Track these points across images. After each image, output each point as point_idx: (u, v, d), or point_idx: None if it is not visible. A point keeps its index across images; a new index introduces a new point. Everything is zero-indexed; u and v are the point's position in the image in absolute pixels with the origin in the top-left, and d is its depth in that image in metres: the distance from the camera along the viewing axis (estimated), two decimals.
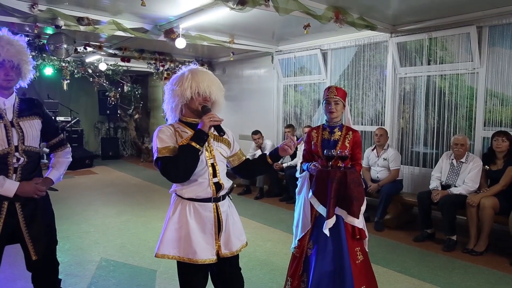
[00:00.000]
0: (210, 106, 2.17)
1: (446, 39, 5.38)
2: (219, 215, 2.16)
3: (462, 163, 4.65)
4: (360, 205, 2.83)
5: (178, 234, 2.10)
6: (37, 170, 2.37)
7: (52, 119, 2.52)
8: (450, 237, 4.45)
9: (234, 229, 2.25)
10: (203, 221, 2.12)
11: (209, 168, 2.13)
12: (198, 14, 5.07)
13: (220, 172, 2.17)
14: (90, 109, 12.27)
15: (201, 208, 2.12)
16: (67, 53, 5.52)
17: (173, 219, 2.13)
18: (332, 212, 2.79)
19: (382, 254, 4.28)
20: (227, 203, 2.24)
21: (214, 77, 2.21)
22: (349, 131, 3.02)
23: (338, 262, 2.76)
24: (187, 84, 2.09)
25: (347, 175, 2.78)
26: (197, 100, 2.12)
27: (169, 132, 2.11)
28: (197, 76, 2.12)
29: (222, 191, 2.18)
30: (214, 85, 2.16)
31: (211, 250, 2.12)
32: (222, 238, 2.18)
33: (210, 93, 2.13)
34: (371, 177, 5.53)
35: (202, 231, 2.12)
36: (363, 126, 6.45)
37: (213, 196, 2.13)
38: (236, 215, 2.33)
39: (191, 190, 2.11)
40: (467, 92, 5.28)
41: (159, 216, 5.70)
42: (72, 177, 8.78)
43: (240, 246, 2.26)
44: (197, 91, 2.10)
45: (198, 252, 2.07)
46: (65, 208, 6.01)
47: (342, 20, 4.82)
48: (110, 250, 4.37)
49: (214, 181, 2.13)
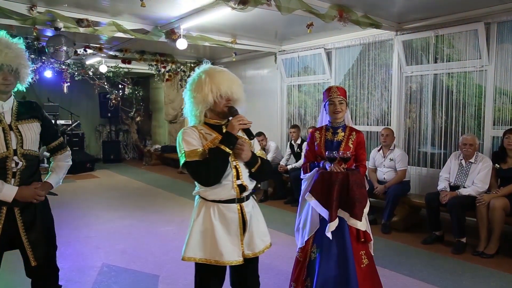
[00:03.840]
0: (234, 104, 2.17)
1: (453, 36, 5.36)
2: (243, 216, 2.18)
3: (471, 163, 4.62)
4: (363, 207, 2.82)
5: (203, 236, 2.13)
6: (36, 174, 2.38)
7: (51, 122, 2.53)
8: (459, 239, 4.42)
9: (258, 229, 2.27)
10: (228, 222, 2.15)
11: (232, 170, 2.14)
12: (199, 14, 5.08)
13: (243, 174, 2.18)
14: (91, 112, 12.33)
15: (226, 209, 2.14)
16: (67, 56, 5.55)
17: (197, 222, 2.16)
18: (335, 214, 2.78)
19: (390, 257, 4.26)
20: (251, 204, 2.27)
21: (231, 74, 2.21)
22: (352, 131, 3.01)
23: (342, 266, 2.75)
24: (207, 89, 2.09)
25: (349, 177, 2.77)
26: (221, 103, 2.13)
27: (195, 134, 2.13)
28: (216, 78, 2.12)
29: (246, 192, 2.20)
30: (234, 83, 2.16)
31: (237, 252, 2.15)
32: (246, 239, 2.20)
33: (232, 92, 2.14)
34: (378, 178, 5.51)
35: (227, 233, 2.14)
36: (369, 126, 6.43)
37: (237, 197, 2.16)
38: (261, 215, 2.36)
39: (215, 192, 2.13)
40: (475, 91, 5.25)
41: (162, 220, 5.71)
42: (73, 181, 8.81)
43: (264, 247, 2.28)
44: (219, 94, 2.10)
45: (224, 254, 2.10)
46: (65, 213, 6.03)
47: (346, 19, 4.81)
48: (111, 255, 4.38)
49: (237, 183, 2.15)
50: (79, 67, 9.17)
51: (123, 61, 8.68)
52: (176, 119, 11.54)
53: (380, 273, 3.08)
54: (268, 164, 2.37)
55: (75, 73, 9.13)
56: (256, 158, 2.24)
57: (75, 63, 9.05)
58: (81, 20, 5.09)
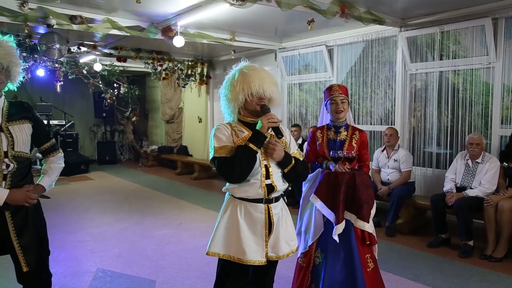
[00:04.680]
0: (267, 103, 2.22)
1: (459, 32, 5.35)
2: (270, 217, 2.21)
3: (478, 163, 4.62)
4: (370, 208, 2.82)
5: (228, 233, 2.19)
6: (28, 176, 2.38)
7: (43, 123, 2.52)
8: (466, 242, 4.41)
9: (285, 233, 2.29)
10: (254, 221, 2.19)
11: (262, 169, 2.18)
12: (196, 10, 5.07)
13: (274, 174, 2.21)
14: (85, 111, 12.32)
15: (252, 208, 2.19)
16: (60, 54, 5.54)
17: (224, 218, 2.23)
18: (342, 217, 2.78)
19: (394, 261, 4.25)
20: (280, 206, 2.29)
21: (265, 72, 2.25)
22: (355, 131, 3.01)
23: (349, 270, 2.75)
24: (239, 88, 2.15)
25: (355, 177, 2.77)
26: (253, 101, 2.19)
27: (227, 131, 2.20)
28: (247, 77, 2.17)
29: (275, 193, 2.22)
30: (266, 82, 2.19)
31: (260, 252, 2.19)
32: (271, 240, 2.23)
33: (264, 91, 2.18)
34: (381, 180, 5.50)
35: (252, 232, 2.19)
36: (372, 125, 6.43)
37: (264, 197, 2.18)
38: (290, 219, 2.37)
39: (243, 190, 2.18)
40: (482, 88, 5.24)
41: (159, 223, 5.70)
42: (67, 183, 8.81)
43: (289, 251, 2.31)
44: (250, 93, 2.15)
45: (247, 253, 2.14)
46: (58, 216, 6.02)
47: (348, 15, 4.81)
48: (106, 260, 4.37)
49: (266, 182, 2.18)
50: (72, 66, 9.17)
51: (118, 59, 8.67)
52: (173, 119, 11.55)
53: (384, 277, 3.08)
54: (303, 165, 2.38)
55: (69, 72, 9.13)
56: (289, 158, 2.26)
57: (69, 61, 9.04)
58: (74, 17, 5.08)
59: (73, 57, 8.66)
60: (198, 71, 9.74)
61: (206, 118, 10.28)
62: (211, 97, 10.09)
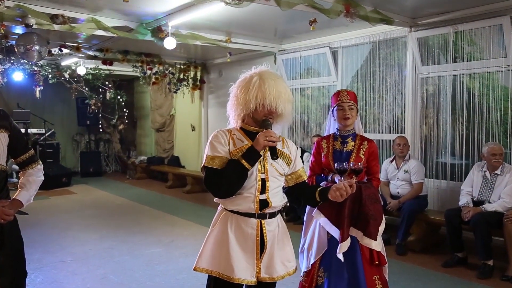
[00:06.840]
0: (275, 118, 2.22)
1: (474, 32, 5.39)
2: (263, 234, 2.20)
3: (496, 175, 4.62)
4: (378, 224, 2.81)
5: (218, 248, 2.19)
6: (4, 190, 2.37)
7: (20, 132, 2.52)
8: (485, 262, 4.39)
9: (281, 252, 2.27)
10: (244, 237, 2.18)
11: (257, 183, 2.17)
12: (189, 10, 5.10)
13: (271, 190, 2.20)
14: (67, 119, 12.32)
15: (244, 223, 2.18)
16: (40, 56, 5.54)
17: (213, 231, 2.24)
18: (347, 234, 2.77)
19: (406, 282, 4.23)
20: (276, 222, 2.27)
21: (284, 85, 2.23)
22: (363, 140, 3.01)
23: None
24: (253, 94, 2.14)
25: (361, 191, 2.76)
26: (262, 112, 2.17)
27: (224, 139, 2.20)
28: (265, 85, 2.15)
29: (269, 209, 2.21)
30: (282, 97, 2.18)
31: (250, 271, 2.17)
32: (264, 260, 2.21)
33: (277, 106, 2.16)
34: (391, 193, 5.50)
35: (242, 249, 2.17)
36: (380, 134, 6.44)
37: (256, 212, 2.17)
38: (287, 237, 2.36)
39: (235, 203, 2.18)
40: (500, 93, 5.26)
41: (148, 241, 5.67)
42: (46, 197, 8.76)
43: (285, 272, 2.28)
44: (262, 103, 2.14)
45: (235, 271, 2.12)
46: (37, 234, 5.98)
47: (353, 14, 4.83)
48: (90, 282, 4.33)
49: (261, 197, 2.17)
50: (53, 69, 9.19)
51: (104, 62, 8.69)
52: (164, 127, 11.54)
53: None
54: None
55: (49, 76, 9.14)
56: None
57: (49, 64, 9.07)
58: (55, 16, 5.09)
59: (54, 59, 8.66)
60: (191, 75, 9.76)
61: (200, 126, 10.28)
62: (205, 104, 10.10)
